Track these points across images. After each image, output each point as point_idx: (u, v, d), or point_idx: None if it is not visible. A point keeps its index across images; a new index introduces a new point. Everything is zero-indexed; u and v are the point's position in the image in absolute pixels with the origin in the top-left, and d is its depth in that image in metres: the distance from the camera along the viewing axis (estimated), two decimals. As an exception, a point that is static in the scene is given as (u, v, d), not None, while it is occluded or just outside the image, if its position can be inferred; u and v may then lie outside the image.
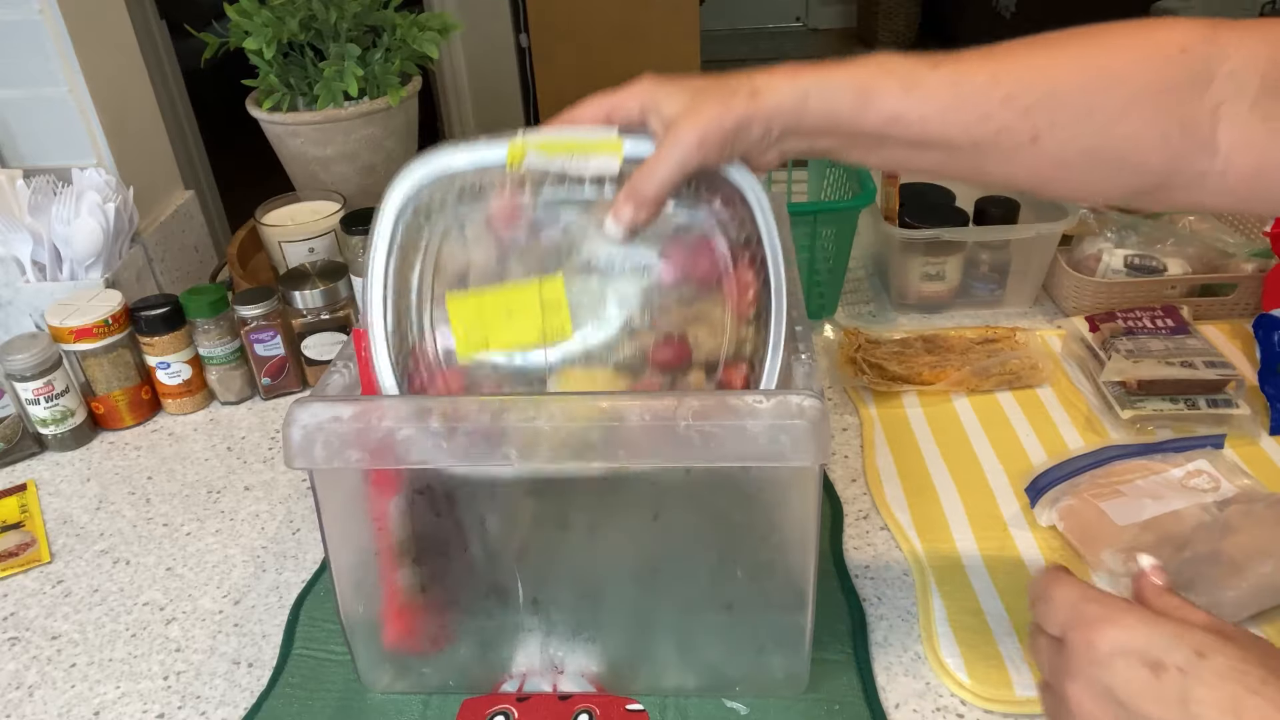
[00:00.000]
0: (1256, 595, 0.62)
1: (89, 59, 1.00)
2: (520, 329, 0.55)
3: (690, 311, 0.55)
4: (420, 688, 0.62)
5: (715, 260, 0.56)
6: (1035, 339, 0.94)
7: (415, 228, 0.55)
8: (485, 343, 0.55)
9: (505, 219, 0.56)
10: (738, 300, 0.56)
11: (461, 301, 0.55)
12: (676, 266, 0.56)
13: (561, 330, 0.55)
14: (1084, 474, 0.74)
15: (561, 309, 0.55)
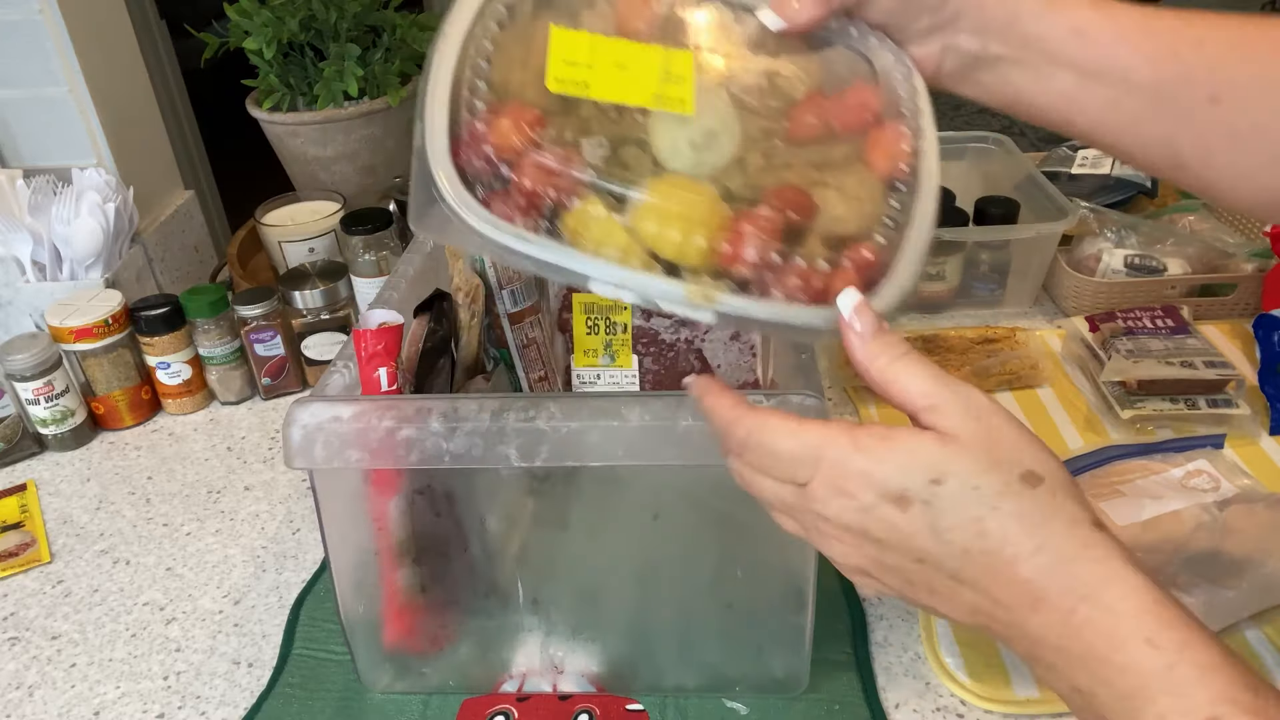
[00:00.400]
0: (1256, 595, 0.62)
1: (89, 59, 1.00)
2: (631, 84, 0.45)
3: (821, 166, 0.46)
4: (420, 688, 0.62)
5: (865, 105, 0.47)
6: (1035, 339, 0.94)
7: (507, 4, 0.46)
8: (585, 85, 0.44)
9: (631, 6, 0.47)
10: (885, 161, 0.47)
11: (568, 35, 0.45)
12: (816, 103, 0.47)
13: (681, 102, 0.44)
14: (1084, 474, 0.74)
15: (685, 84, 0.45)
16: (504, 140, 0.42)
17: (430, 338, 0.63)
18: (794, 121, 0.46)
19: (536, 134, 0.43)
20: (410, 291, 0.67)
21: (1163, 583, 0.63)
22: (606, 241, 0.43)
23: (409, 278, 0.68)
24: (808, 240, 0.44)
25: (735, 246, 0.43)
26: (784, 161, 0.45)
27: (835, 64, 0.48)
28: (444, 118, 0.43)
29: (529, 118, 0.43)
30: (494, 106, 0.43)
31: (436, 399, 0.51)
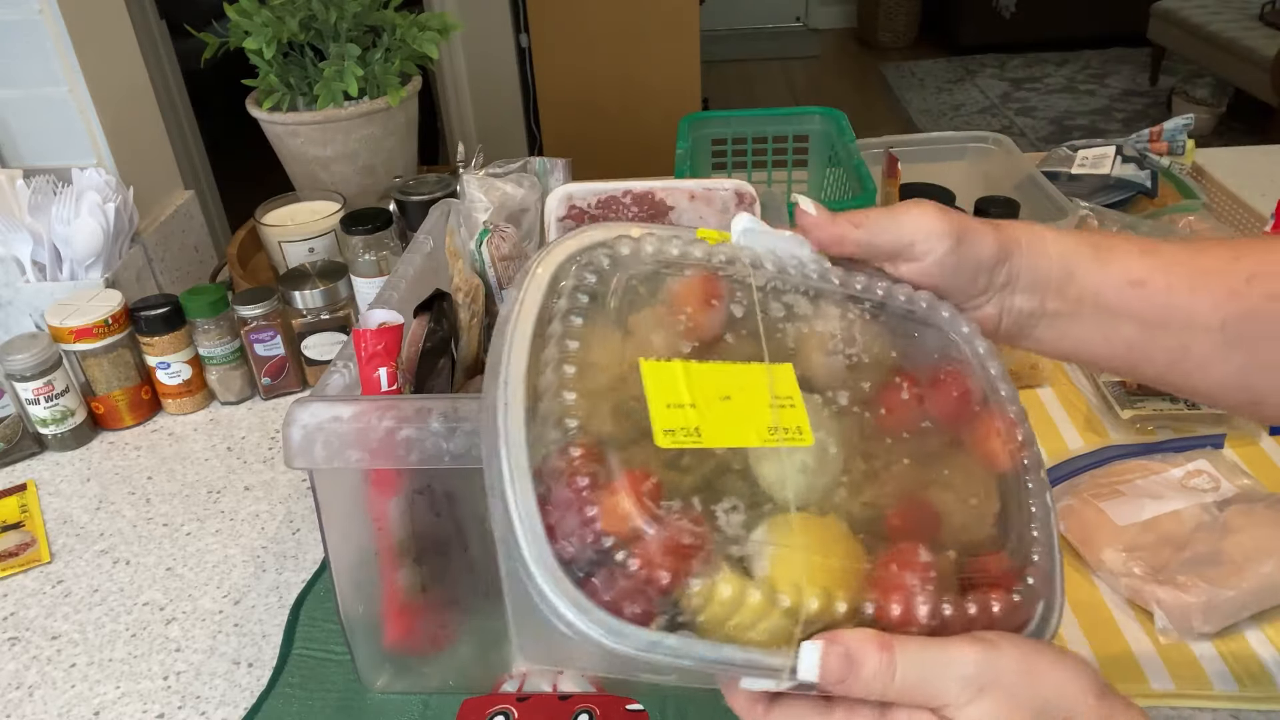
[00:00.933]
0: (1256, 595, 0.62)
1: (89, 59, 1.00)
2: (743, 422, 0.38)
3: (924, 459, 0.42)
4: (420, 688, 0.62)
5: (961, 389, 0.44)
6: (1035, 339, 0.93)
7: (566, 308, 0.39)
8: (697, 431, 0.37)
9: (698, 298, 0.41)
10: (996, 454, 0.43)
11: (661, 370, 0.39)
12: (915, 395, 0.43)
13: (798, 433, 0.39)
14: (1084, 474, 0.74)
15: (797, 405, 0.40)
16: (622, 522, 0.34)
17: (430, 338, 0.63)
18: (886, 409, 0.42)
19: (660, 508, 0.34)
20: (410, 291, 0.67)
21: (1162, 582, 0.63)
22: (748, 622, 0.35)
23: (409, 278, 0.68)
24: (940, 554, 0.39)
25: (905, 607, 0.37)
26: (886, 461, 0.41)
27: (913, 338, 0.45)
28: (530, 494, 0.35)
29: (649, 488, 0.35)
30: (596, 477, 0.34)
31: (436, 399, 0.51)
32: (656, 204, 0.73)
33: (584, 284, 0.40)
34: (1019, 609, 0.39)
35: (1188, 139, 1.17)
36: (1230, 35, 3.42)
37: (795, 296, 0.43)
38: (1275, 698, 0.58)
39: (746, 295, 0.42)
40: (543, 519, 0.34)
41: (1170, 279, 0.45)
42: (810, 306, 0.43)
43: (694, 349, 0.40)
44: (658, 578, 0.33)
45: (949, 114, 4.06)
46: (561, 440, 0.35)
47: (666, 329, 0.40)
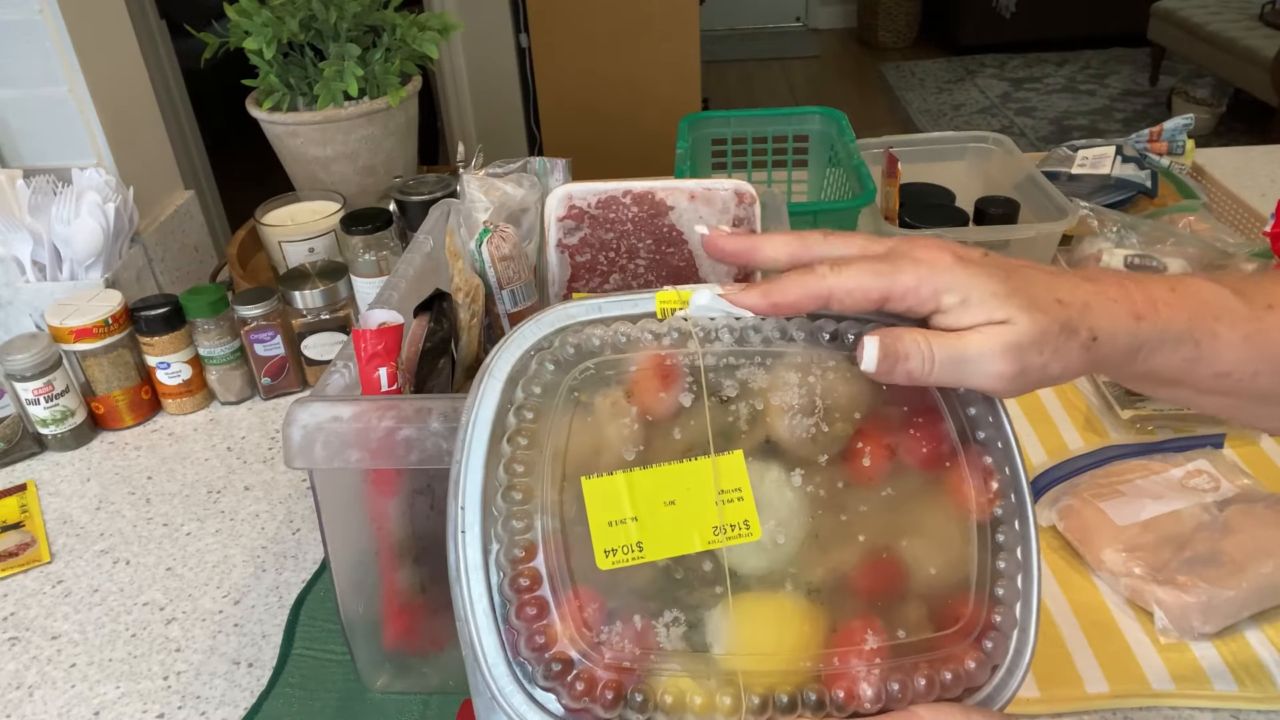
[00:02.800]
0: (1256, 595, 0.62)
1: (89, 59, 1.00)
2: (687, 526, 0.40)
3: (901, 514, 0.42)
4: (420, 688, 0.62)
5: (939, 438, 0.43)
6: (1035, 339, 0.93)
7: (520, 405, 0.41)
8: (638, 547, 0.39)
9: (656, 383, 0.41)
10: (969, 499, 0.42)
11: (601, 485, 0.40)
12: (885, 445, 0.42)
13: (744, 528, 0.40)
14: (1084, 474, 0.74)
15: (745, 499, 0.40)
16: (567, 648, 0.38)
17: (430, 338, 0.63)
18: (852, 472, 0.42)
19: (604, 631, 0.39)
20: (410, 291, 0.67)
21: (1162, 582, 0.63)
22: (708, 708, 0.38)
23: (409, 278, 0.68)
24: (908, 606, 0.40)
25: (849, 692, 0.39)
26: (851, 523, 0.41)
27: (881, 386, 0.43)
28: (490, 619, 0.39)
29: (591, 614, 0.39)
30: (543, 607, 0.38)
31: (436, 399, 0.51)
32: (656, 204, 0.73)
33: (530, 397, 0.41)
34: (971, 675, 0.40)
35: (1188, 139, 1.17)
36: (1230, 35, 3.42)
37: (751, 369, 0.42)
38: (1275, 698, 0.58)
39: (696, 379, 0.42)
40: (500, 639, 0.39)
41: (1260, 366, 0.43)
42: (766, 378, 0.42)
43: (639, 454, 0.41)
44: (602, 696, 0.38)
45: (949, 114, 4.06)
46: (510, 571, 0.39)
47: (611, 435, 0.41)
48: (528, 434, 0.40)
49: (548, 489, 0.40)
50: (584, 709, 0.38)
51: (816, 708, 0.38)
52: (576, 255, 0.74)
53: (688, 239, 0.73)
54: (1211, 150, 1.31)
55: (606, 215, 0.73)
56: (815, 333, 0.43)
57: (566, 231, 0.73)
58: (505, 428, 0.41)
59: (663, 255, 0.73)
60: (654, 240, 0.73)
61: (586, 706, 0.38)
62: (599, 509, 0.40)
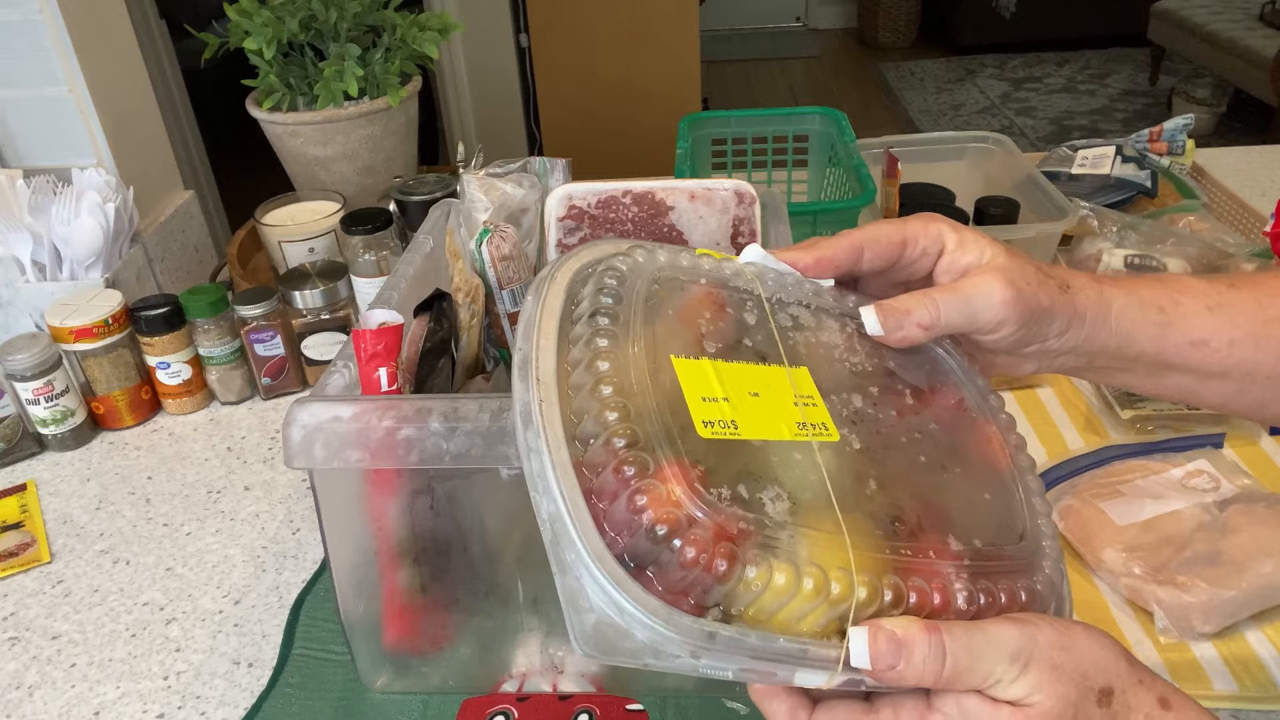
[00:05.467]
0: (1256, 595, 0.62)
1: (89, 59, 1.00)
2: (774, 416, 0.39)
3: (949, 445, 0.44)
4: (420, 688, 0.62)
5: (962, 399, 0.46)
6: (1035, 339, 0.93)
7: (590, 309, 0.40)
8: (733, 424, 0.38)
9: (708, 309, 0.43)
10: (995, 452, 0.45)
11: (692, 367, 0.40)
12: (918, 400, 0.45)
13: (824, 429, 0.40)
14: (1084, 474, 0.74)
15: (818, 404, 0.41)
16: (674, 510, 0.34)
17: (430, 338, 0.63)
18: (896, 412, 0.44)
19: (710, 494, 0.35)
20: (410, 291, 0.67)
21: (1162, 582, 0.63)
22: (798, 613, 0.35)
23: (409, 278, 0.68)
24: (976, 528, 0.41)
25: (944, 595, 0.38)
26: (900, 462, 0.42)
27: (902, 353, 0.46)
28: (576, 487, 0.34)
29: (697, 476, 0.35)
30: (643, 466, 0.34)
31: (436, 399, 0.51)
32: (656, 204, 0.73)
33: (605, 286, 0.41)
34: (1041, 595, 0.41)
35: (1188, 139, 1.17)
36: (1230, 35, 3.42)
37: (798, 309, 0.46)
38: (1275, 698, 0.58)
39: (756, 305, 0.44)
40: (590, 511, 0.34)
41: (1234, 334, 0.45)
42: (813, 319, 0.45)
43: (718, 349, 0.41)
44: (715, 565, 0.33)
45: (949, 114, 4.06)
46: (602, 432, 0.35)
47: (690, 329, 0.41)
48: (609, 314, 0.39)
49: (634, 364, 0.38)
50: (691, 582, 0.33)
51: (917, 609, 0.37)
52: (576, 255, 0.73)
53: (688, 239, 0.73)
54: (1211, 150, 1.31)
55: (606, 215, 0.73)
56: (842, 300, 0.47)
57: (566, 231, 0.73)
58: (577, 315, 0.40)
59: (663, 255, 0.73)
60: (654, 240, 0.73)
61: (695, 579, 0.33)
62: (692, 385, 0.38)
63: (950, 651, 0.36)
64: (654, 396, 0.37)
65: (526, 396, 0.37)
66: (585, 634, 0.34)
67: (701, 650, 0.34)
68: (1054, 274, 0.45)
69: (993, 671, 0.36)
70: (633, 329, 0.39)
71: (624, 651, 0.34)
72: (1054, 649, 0.37)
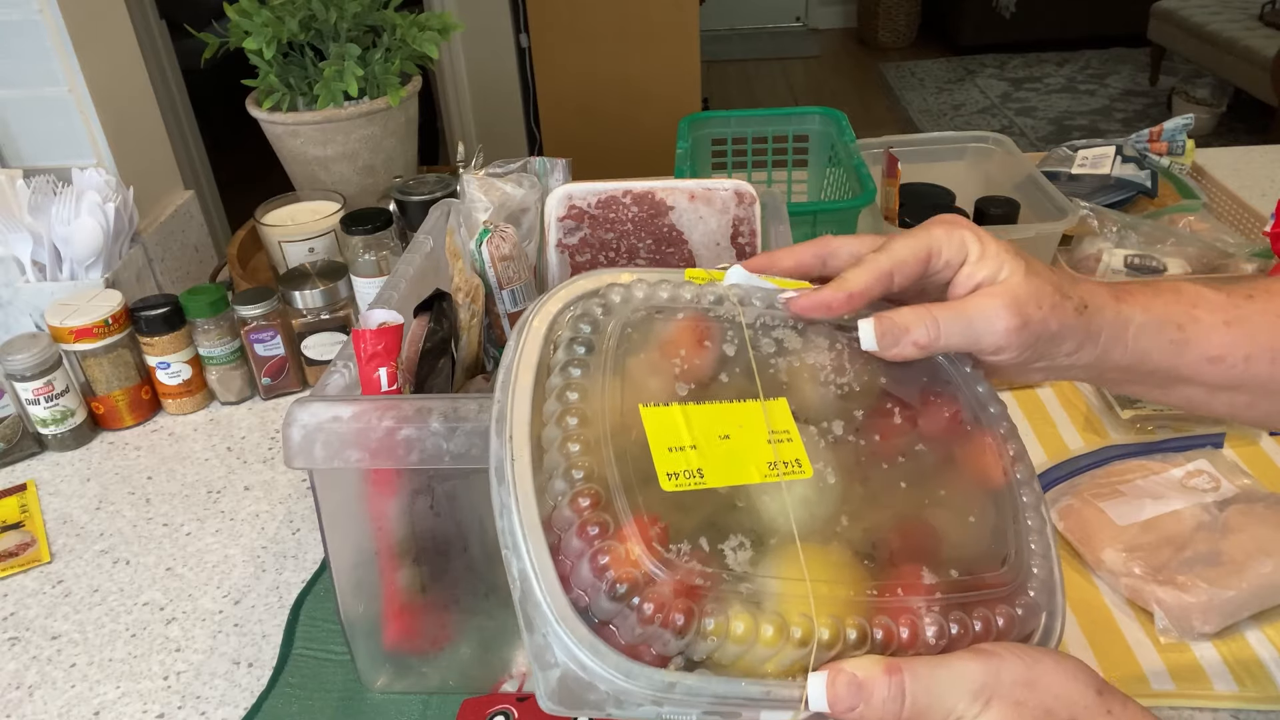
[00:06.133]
0: (1256, 595, 0.62)
1: (89, 59, 1.00)
2: (744, 458, 0.40)
3: (934, 469, 0.43)
4: (420, 688, 0.62)
5: (957, 412, 0.45)
6: (1035, 339, 0.93)
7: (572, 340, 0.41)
8: (698, 473, 0.39)
9: (690, 340, 0.43)
10: (990, 466, 0.44)
11: (660, 415, 0.40)
12: (908, 417, 0.44)
13: (797, 466, 0.40)
14: (1084, 474, 0.74)
15: (794, 439, 0.41)
16: (634, 568, 0.35)
17: (430, 338, 0.63)
18: (880, 435, 0.43)
19: (669, 551, 0.36)
20: (410, 291, 0.67)
21: (1162, 582, 0.63)
22: (762, 656, 0.36)
23: (409, 278, 0.68)
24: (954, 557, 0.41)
25: (913, 629, 0.38)
26: (883, 485, 0.42)
27: (898, 364, 0.45)
28: (543, 546, 0.36)
29: (657, 533, 0.36)
30: (605, 526, 0.36)
31: (436, 399, 0.51)
32: (656, 204, 0.73)
33: (579, 335, 0.41)
34: (1023, 620, 0.40)
35: (1188, 139, 1.17)
36: (1230, 35, 3.42)
37: (784, 331, 0.45)
38: (1275, 698, 0.58)
39: (737, 333, 0.44)
40: (556, 569, 0.36)
41: (1251, 349, 0.44)
42: (799, 340, 0.45)
43: (690, 391, 0.41)
44: (672, 620, 0.35)
45: (949, 114, 4.06)
46: (569, 491, 0.36)
47: (662, 373, 0.42)
48: (580, 365, 0.40)
49: (604, 416, 0.39)
50: (650, 637, 0.35)
51: (883, 646, 0.37)
52: (576, 255, 0.73)
53: (688, 239, 0.73)
54: (1211, 150, 1.31)
55: (606, 215, 0.73)
56: None
57: (566, 231, 0.73)
58: (553, 363, 0.41)
59: (663, 255, 0.73)
60: (654, 240, 0.73)
61: (654, 634, 0.35)
62: (658, 435, 0.39)
63: (909, 692, 0.36)
64: (622, 449, 0.38)
65: (500, 454, 0.38)
66: (551, 688, 0.36)
67: (663, 698, 0.35)
68: (1073, 293, 0.43)
69: (954, 709, 0.36)
70: (605, 378, 0.40)
71: (588, 703, 0.36)
72: (1017, 685, 0.37)
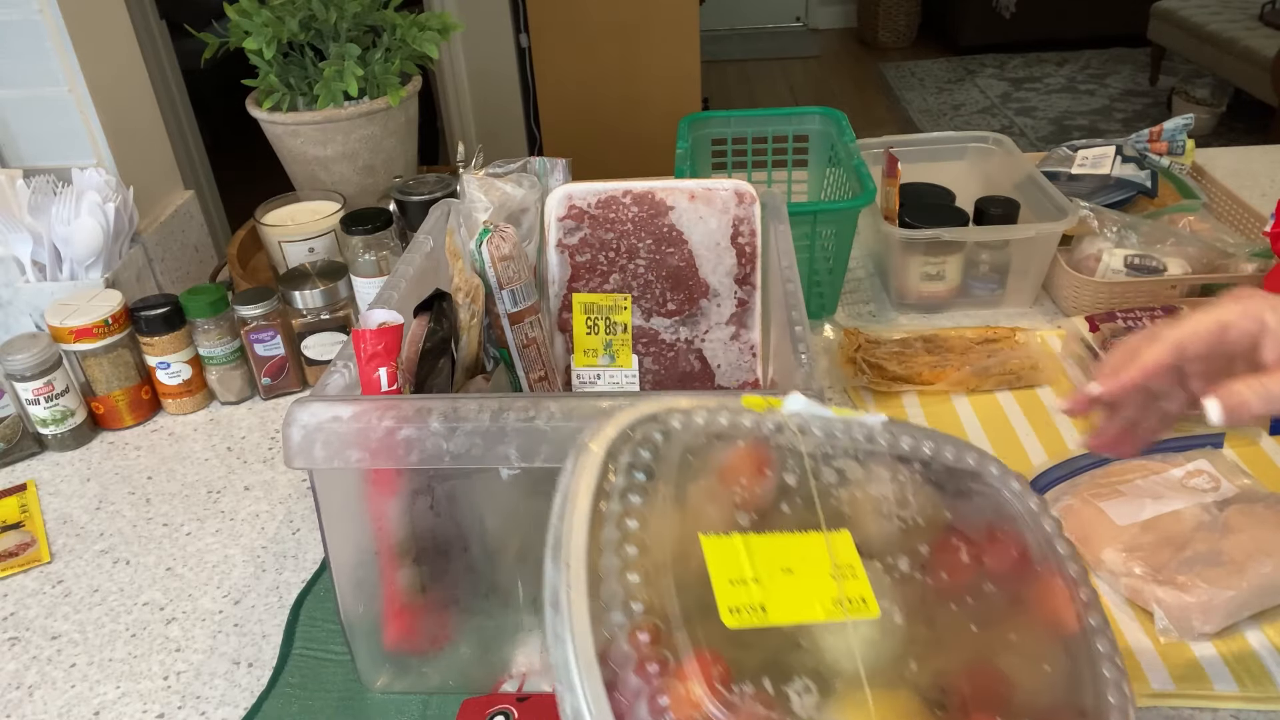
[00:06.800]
0: (1256, 595, 0.62)
1: (89, 59, 1.00)
2: (808, 594, 0.38)
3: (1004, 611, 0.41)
4: (420, 688, 0.62)
5: (1025, 550, 0.44)
6: (1035, 339, 0.94)
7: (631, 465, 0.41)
8: (761, 608, 0.37)
9: (751, 468, 0.42)
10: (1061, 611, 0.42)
11: (722, 545, 0.39)
12: (973, 555, 0.43)
13: (863, 604, 0.38)
14: (1084, 474, 0.74)
15: (859, 575, 0.39)
16: (695, 710, 0.34)
17: (430, 338, 0.63)
18: (946, 572, 0.41)
19: (732, 692, 0.34)
20: (410, 291, 0.67)
21: (1162, 582, 0.63)
22: None
23: (409, 278, 0.68)
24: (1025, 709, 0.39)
25: None
26: (951, 627, 0.40)
27: (964, 496, 0.44)
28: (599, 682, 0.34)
29: (719, 673, 0.34)
30: (665, 663, 0.34)
31: (436, 399, 0.51)
32: (656, 204, 0.73)
33: (639, 460, 0.40)
34: None
35: (1188, 139, 1.17)
36: (1230, 35, 3.42)
37: (845, 461, 0.44)
38: (1275, 698, 0.58)
39: (798, 462, 0.43)
40: (612, 708, 0.34)
41: None
42: (861, 470, 0.43)
43: (751, 521, 0.40)
44: None
45: (949, 114, 4.06)
46: (627, 624, 0.35)
47: (723, 502, 0.40)
48: (640, 491, 0.39)
49: (663, 544, 0.37)
50: None
51: None
52: (576, 255, 0.73)
53: (687, 239, 0.73)
54: (1211, 150, 1.31)
55: (606, 215, 0.73)
56: (895, 442, 0.45)
57: (566, 231, 0.73)
58: (610, 488, 0.39)
59: (663, 255, 0.73)
60: (654, 240, 0.73)
61: None
62: (720, 567, 0.38)
63: None
64: (682, 580, 0.37)
65: (555, 581, 0.36)
66: None
67: None
68: None
69: None
70: (665, 506, 0.39)
71: None
72: None
